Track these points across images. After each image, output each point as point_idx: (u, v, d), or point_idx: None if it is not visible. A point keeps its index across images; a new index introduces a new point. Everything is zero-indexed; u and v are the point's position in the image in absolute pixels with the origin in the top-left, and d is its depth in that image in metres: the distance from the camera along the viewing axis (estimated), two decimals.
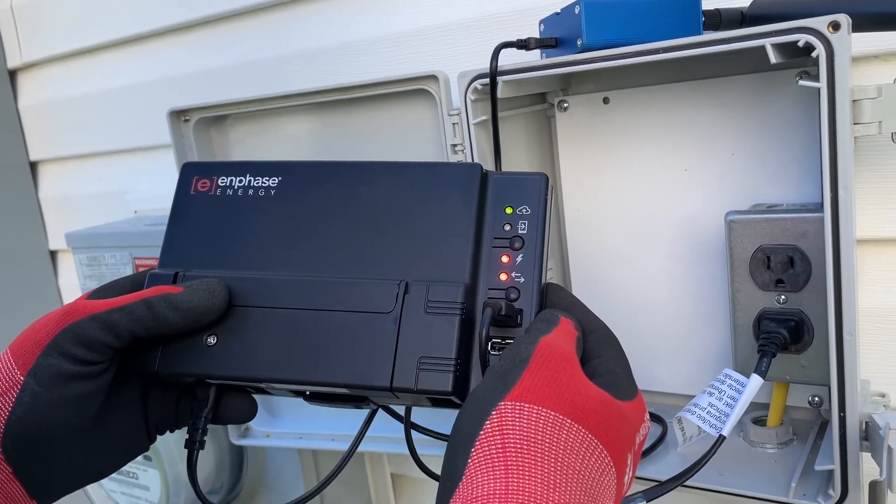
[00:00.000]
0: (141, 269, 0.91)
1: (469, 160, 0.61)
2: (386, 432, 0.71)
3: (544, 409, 0.32)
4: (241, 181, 0.49)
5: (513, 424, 0.31)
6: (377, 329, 0.42)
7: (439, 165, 0.47)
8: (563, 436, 0.32)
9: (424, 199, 0.45)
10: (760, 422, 0.62)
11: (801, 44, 0.47)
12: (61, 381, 0.39)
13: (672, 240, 0.66)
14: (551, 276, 0.72)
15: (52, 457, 0.40)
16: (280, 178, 0.48)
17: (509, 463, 0.30)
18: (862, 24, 0.49)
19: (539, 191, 0.45)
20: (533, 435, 0.31)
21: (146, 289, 0.44)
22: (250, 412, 0.49)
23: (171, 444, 0.84)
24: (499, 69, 0.58)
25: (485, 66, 0.57)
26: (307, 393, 0.46)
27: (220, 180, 0.49)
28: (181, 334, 0.44)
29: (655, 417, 0.66)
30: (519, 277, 0.43)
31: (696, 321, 0.66)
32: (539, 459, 0.30)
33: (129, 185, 1.08)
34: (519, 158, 0.68)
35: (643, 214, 0.67)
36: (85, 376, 0.40)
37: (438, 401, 0.43)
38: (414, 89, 0.64)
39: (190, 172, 0.50)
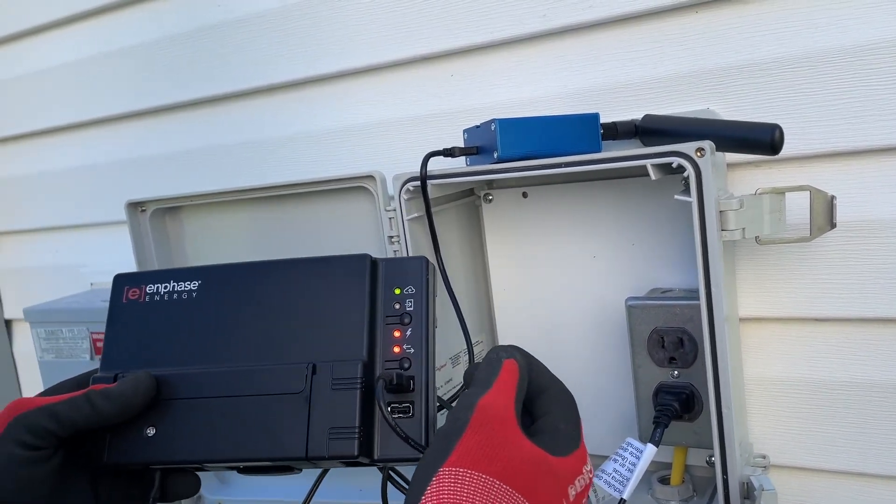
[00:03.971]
0: (97, 343, 0.96)
1: (404, 251, 0.69)
2: (337, 497, 0.77)
3: (476, 473, 0.37)
4: (166, 287, 0.56)
5: (448, 489, 0.37)
6: (291, 407, 0.49)
7: (334, 258, 0.54)
8: (492, 496, 0.37)
9: (325, 288, 0.53)
10: (665, 481, 0.69)
11: (674, 165, 0.56)
12: (13, 466, 0.45)
13: (584, 318, 0.74)
14: (481, 348, 0.80)
15: None
16: (199, 282, 0.55)
17: None
18: (726, 146, 0.59)
19: (421, 272, 0.53)
20: (465, 497, 0.37)
21: (89, 388, 0.51)
22: (194, 487, 0.55)
23: None
24: (428, 174, 0.65)
25: (416, 161, 0.65)
26: (241, 467, 0.52)
27: (147, 288, 0.56)
28: (123, 426, 0.50)
29: None
30: (409, 349, 0.51)
31: (607, 390, 0.74)
32: None
33: (84, 259, 1.13)
34: (452, 245, 0.75)
35: (559, 294, 0.75)
36: (34, 461, 0.46)
37: (349, 462, 0.49)
38: (354, 186, 0.72)
39: (121, 283, 0.57)
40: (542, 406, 0.45)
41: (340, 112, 0.86)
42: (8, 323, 1.27)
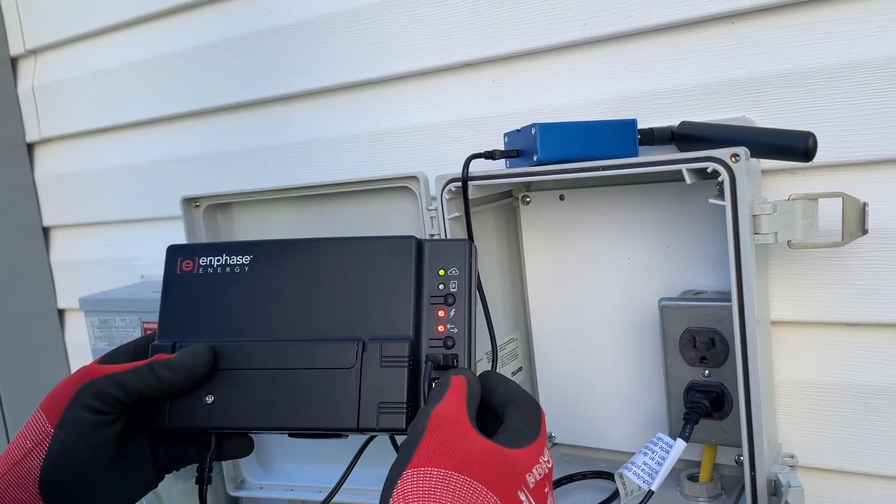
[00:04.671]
0: (148, 332, 1.00)
1: None
2: (372, 485, 0.80)
3: (436, 469, 0.41)
4: (219, 260, 0.58)
5: (412, 487, 0.41)
6: (342, 381, 0.53)
7: (382, 238, 0.56)
8: (452, 486, 0.41)
9: (372, 267, 0.56)
10: (694, 478, 0.71)
11: (709, 170, 0.57)
12: (82, 429, 0.49)
13: (617, 317, 0.76)
14: (515, 345, 0.82)
15: (79, 493, 0.50)
16: (252, 256, 0.58)
17: None
18: (760, 152, 0.61)
19: (464, 254, 0.55)
20: (427, 492, 0.40)
21: (150, 357, 0.55)
22: (248, 449, 0.59)
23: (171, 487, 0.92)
24: (469, 175, 0.68)
25: (456, 163, 0.68)
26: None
27: (201, 260, 0.59)
28: (183, 394, 0.54)
29: (607, 475, 0.75)
30: (453, 328, 0.54)
31: (638, 388, 0.76)
32: None
33: (136, 252, 1.18)
34: (489, 245, 0.78)
35: (593, 294, 0.77)
36: (100, 424, 0.50)
37: (396, 432, 0.53)
38: (398, 186, 0.75)
39: (174, 254, 0.60)
40: (508, 414, 0.50)
41: (384, 115, 0.90)
42: (61, 312, 1.33)
